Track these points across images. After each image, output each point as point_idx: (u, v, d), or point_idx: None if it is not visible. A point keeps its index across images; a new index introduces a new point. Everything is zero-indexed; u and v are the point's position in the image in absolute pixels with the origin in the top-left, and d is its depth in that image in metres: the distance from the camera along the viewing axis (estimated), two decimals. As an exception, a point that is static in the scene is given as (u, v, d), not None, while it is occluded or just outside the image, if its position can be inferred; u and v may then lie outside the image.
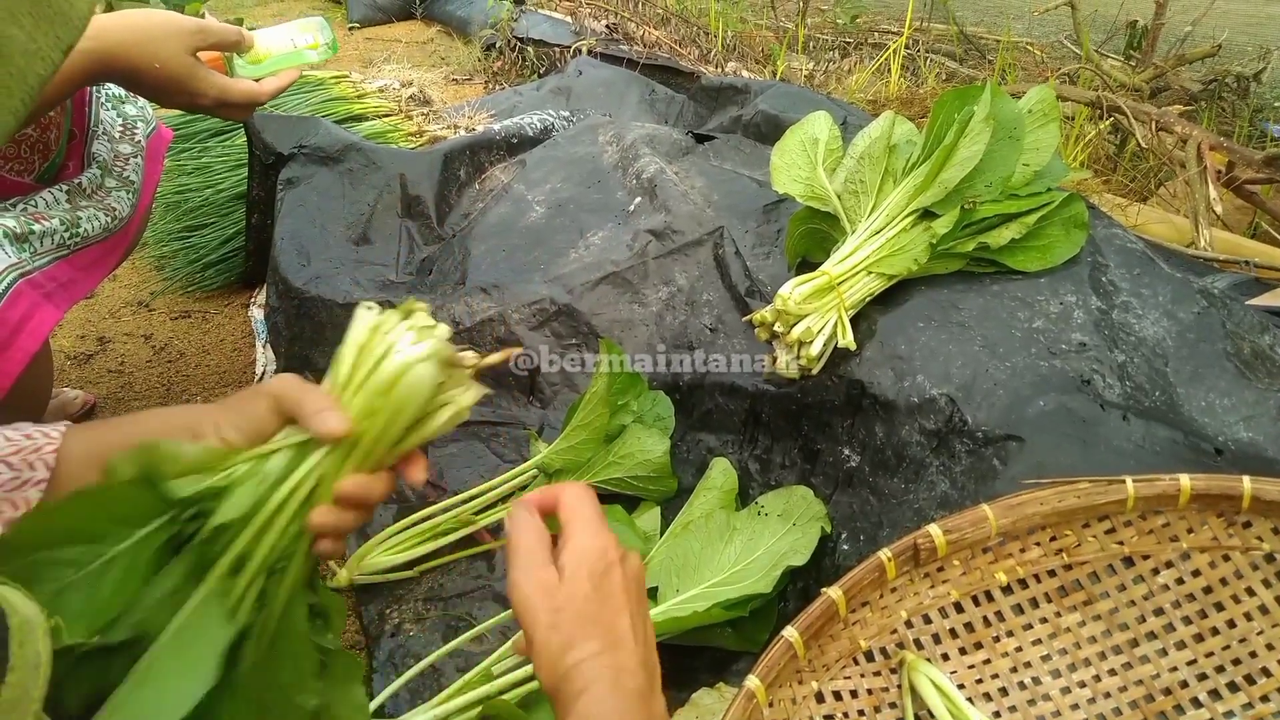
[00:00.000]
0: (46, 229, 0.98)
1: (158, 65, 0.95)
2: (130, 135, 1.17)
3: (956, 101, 1.08)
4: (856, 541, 0.99)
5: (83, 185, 1.08)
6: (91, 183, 1.09)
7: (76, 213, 1.03)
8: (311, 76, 2.20)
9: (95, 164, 1.11)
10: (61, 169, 1.10)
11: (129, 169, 1.14)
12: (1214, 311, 1.01)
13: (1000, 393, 0.94)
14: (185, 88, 0.98)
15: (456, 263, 1.41)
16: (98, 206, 1.08)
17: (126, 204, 1.11)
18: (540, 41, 2.86)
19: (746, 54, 2.88)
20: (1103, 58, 2.54)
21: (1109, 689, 0.78)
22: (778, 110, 1.59)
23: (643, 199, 1.40)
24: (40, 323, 0.94)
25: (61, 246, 1.01)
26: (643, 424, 1.17)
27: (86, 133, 1.12)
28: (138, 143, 1.17)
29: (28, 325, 0.92)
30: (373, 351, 0.61)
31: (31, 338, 0.92)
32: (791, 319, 1.02)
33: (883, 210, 1.07)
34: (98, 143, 1.13)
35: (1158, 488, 0.79)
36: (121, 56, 0.93)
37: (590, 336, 1.26)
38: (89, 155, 1.12)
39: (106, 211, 1.08)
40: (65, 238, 1.01)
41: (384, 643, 1.03)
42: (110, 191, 1.11)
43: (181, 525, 0.58)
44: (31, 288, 0.94)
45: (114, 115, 1.16)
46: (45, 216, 0.99)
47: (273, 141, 1.60)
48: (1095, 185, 1.91)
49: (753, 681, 0.71)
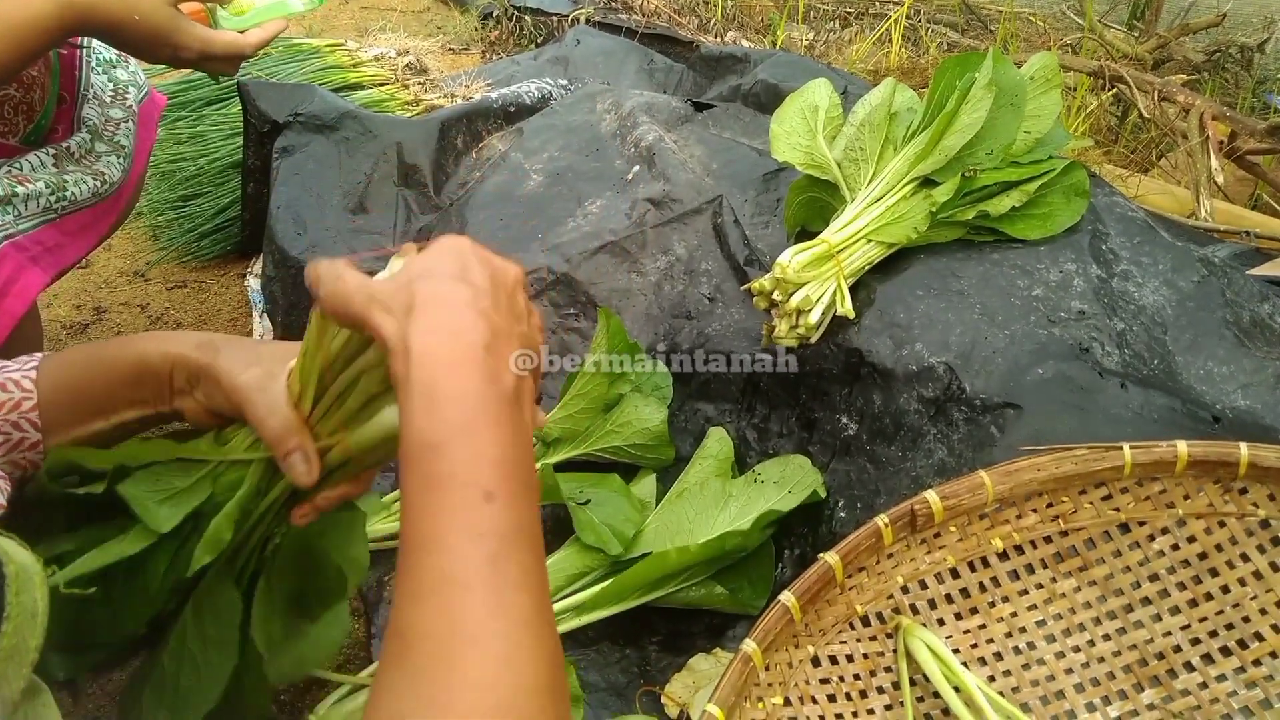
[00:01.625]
0: (31, 191, 0.97)
1: (137, 18, 0.93)
2: (122, 100, 1.15)
3: (958, 68, 1.07)
4: (854, 509, 0.99)
5: (70, 149, 1.07)
6: (80, 147, 1.08)
7: (63, 176, 1.02)
8: (306, 44, 2.17)
9: (85, 128, 1.10)
10: (50, 133, 1.08)
11: (120, 134, 1.13)
12: (1214, 280, 1.01)
13: (999, 360, 0.94)
14: (167, 40, 0.96)
15: (454, 231, 1.40)
16: (86, 171, 1.06)
17: (117, 169, 1.10)
18: (538, 10, 2.83)
19: (746, 23, 2.86)
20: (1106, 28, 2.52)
21: (1103, 653, 0.79)
22: (778, 79, 1.57)
23: (641, 167, 1.39)
24: (26, 286, 0.93)
25: (48, 210, 0.99)
26: (640, 393, 1.17)
27: (76, 96, 1.11)
28: (129, 108, 1.16)
29: (13, 288, 0.92)
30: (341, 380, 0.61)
31: (17, 300, 0.92)
32: (790, 287, 1.02)
33: (883, 178, 1.07)
34: (88, 107, 1.11)
35: (1155, 454, 0.79)
36: (100, 8, 0.91)
37: (588, 306, 1.25)
38: (78, 119, 1.10)
39: (95, 176, 1.07)
40: (51, 201, 0.99)
41: (382, 609, 1.04)
42: (100, 156, 1.10)
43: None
44: (16, 250, 0.93)
45: (105, 80, 1.15)
46: (29, 179, 0.98)
47: (268, 109, 1.59)
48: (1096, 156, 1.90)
49: (749, 645, 0.72)
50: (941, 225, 1.06)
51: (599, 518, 1.00)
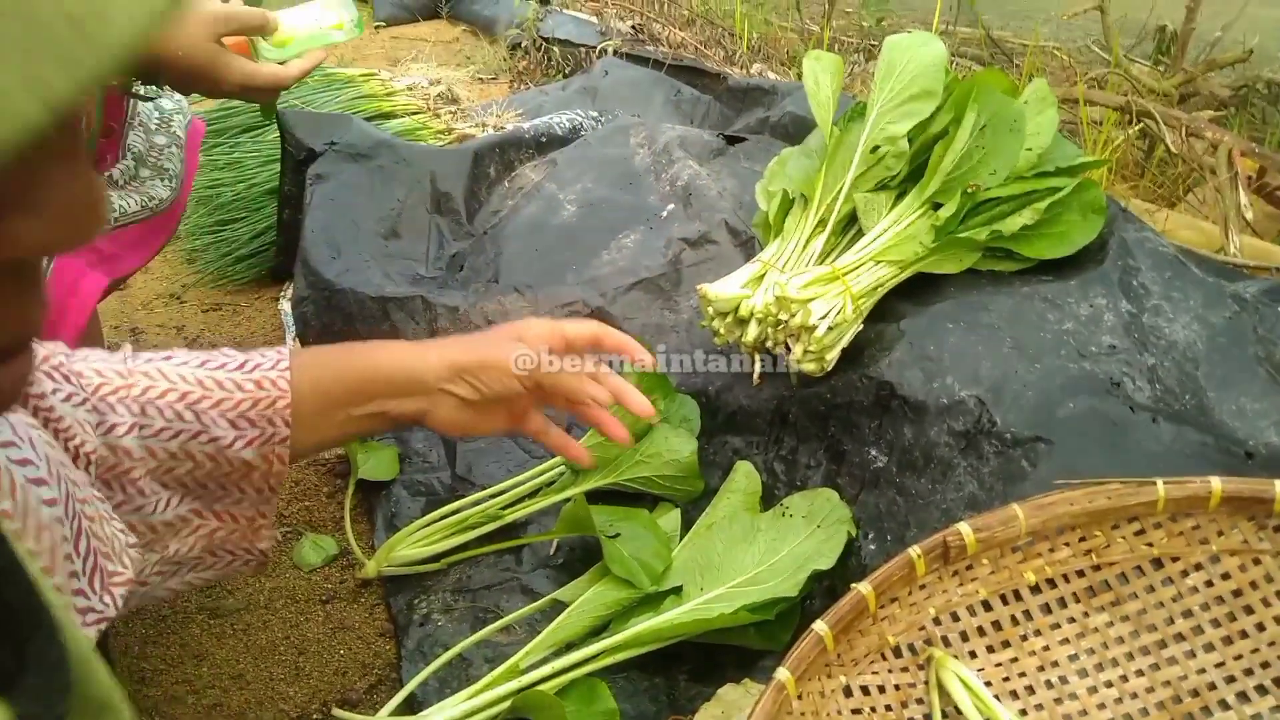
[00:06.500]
0: None
1: (180, 54, 0.94)
2: (166, 126, 1.18)
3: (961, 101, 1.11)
4: (883, 541, 0.99)
5: (114, 178, 1.09)
6: (124, 174, 1.11)
7: (110, 195, 1.05)
8: (341, 74, 2.22)
9: (130, 155, 1.13)
10: (99, 161, 1.11)
11: (164, 158, 1.16)
12: (1245, 316, 1.01)
13: (1029, 394, 0.95)
14: (209, 75, 0.97)
15: (489, 260, 1.42)
16: (133, 193, 1.09)
17: (164, 189, 1.13)
18: (566, 41, 2.88)
19: (771, 55, 2.89)
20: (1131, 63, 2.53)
21: (1136, 689, 0.79)
22: (806, 111, 1.59)
23: (676, 205, 1.41)
24: (91, 285, 0.95)
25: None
26: (669, 424, 1.18)
27: (123, 124, 1.14)
28: (174, 134, 1.19)
29: (80, 286, 0.94)
30: None
31: (88, 297, 0.94)
32: (795, 306, 1.02)
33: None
34: (133, 134, 1.15)
35: (1188, 490, 0.79)
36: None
37: (620, 339, 1.27)
38: (124, 148, 1.13)
39: (142, 195, 1.10)
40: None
41: (412, 631, 1.05)
42: (144, 180, 1.13)
43: None
44: (74, 255, 0.96)
45: (150, 108, 1.18)
46: None
47: (304, 138, 1.62)
48: (1123, 191, 1.90)
49: (783, 673, 0.72)
50: (955, 246, 1.08)
51: (628, 551, 1.01)
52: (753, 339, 1.06)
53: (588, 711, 0.90)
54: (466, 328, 1.33)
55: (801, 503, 1.04)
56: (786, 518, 1.03)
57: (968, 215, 1.08)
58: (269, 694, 1.00)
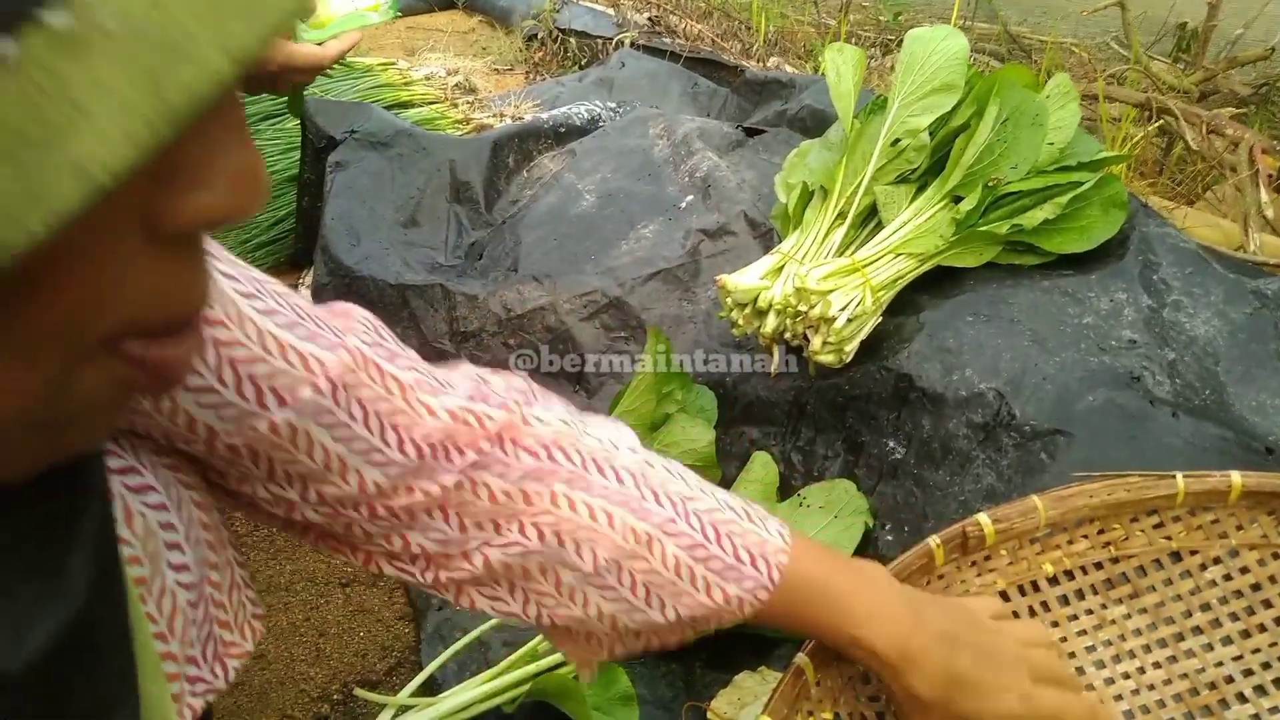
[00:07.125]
0: None
1: None
2: None
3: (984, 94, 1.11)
4: (900, 532, 1.00)
5: None
6: None
7: None
8: (360, 63, 2.23)
9: None
10: None
11: None
12: (1266, 312, 1.01)
13: (1049, 387, 0.95)
14: None
15: (508, 249, 1.43)
16: None
17: None
18: (582, 33, 2.88)
19: (788, 49, 2.88)
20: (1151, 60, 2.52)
21: (1153, 681, 0.79)
22: (823, 104, 1.59)
23: (695, 197, 1.42)
24: None
25: None
26: (686, 414, 1.18)
27: None
28: None
29: None
30: None
31: None
32: (814, 298, 1.02)
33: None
34: None
35: (1208, 484, 0.80)
36: None
37: (639, 330, 1.27)
38: None
39: None
40: None
41: (431, 616, 1.06)
42: None
43: None
44: None
45: None
46: None
47: (325, 126, 1.63)
48: (1141, 188, 1.90)
49: (802, 659, 0.73)
50: (976, 240, 1.08)
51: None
52: (771, 330, 1.07)
53: (605, 696, 0.91)
54: (485, 316, 1.34)
55: (819, 493, 1.05)
56: (804, 508, 1.04)
57: (988, 209, 1.08)
58: (290, 674, 1.01)
